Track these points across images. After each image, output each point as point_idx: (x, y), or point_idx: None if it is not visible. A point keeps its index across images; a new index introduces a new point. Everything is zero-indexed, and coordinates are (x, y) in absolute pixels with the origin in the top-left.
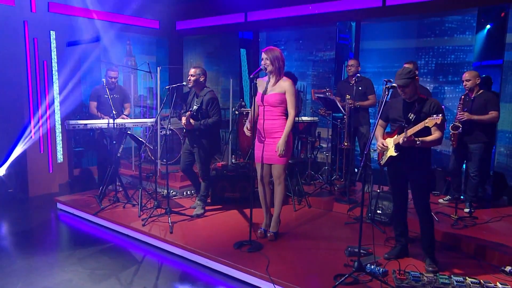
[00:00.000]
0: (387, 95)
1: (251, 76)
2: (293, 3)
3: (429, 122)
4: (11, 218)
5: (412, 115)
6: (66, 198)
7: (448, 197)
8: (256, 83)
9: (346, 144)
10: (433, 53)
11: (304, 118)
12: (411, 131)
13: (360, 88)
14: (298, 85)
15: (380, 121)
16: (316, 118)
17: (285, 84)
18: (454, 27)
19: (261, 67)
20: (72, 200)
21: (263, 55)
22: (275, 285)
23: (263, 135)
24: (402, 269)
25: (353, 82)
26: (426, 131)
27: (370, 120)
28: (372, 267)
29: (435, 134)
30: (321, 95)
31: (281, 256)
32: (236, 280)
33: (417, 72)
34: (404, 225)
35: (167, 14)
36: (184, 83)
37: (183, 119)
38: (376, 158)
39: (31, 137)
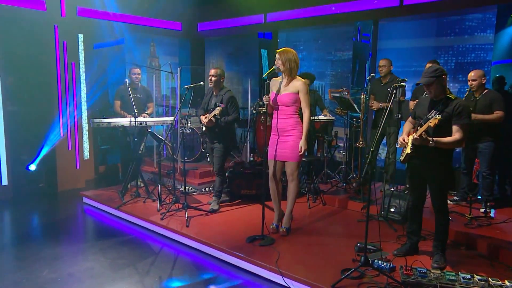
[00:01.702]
0: (395, 94)
1: (263, 77)
2: (311, 4)
3: (431, 122)
4: (41, 210)
5: (432, 113)
6: (91, 193)
7: (455, 198)
8: (268, 83)
9: (361, 143)
10: (453, 52)
11: (321, 117)
12: (419, 131)
13: (389, 89)
14: (317, 84)
15: (410, 118)
16: (332, 118)
17: (298, 83)
18: (475, 25)
19: (274, 67)
20: (97, 194)
21: (277, 56)
22: (283, 277)
23: (277, 133)
24: (410, 265)
25: (385, 82)
26: (447, 131)
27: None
28: (380, 262)
29: (454, 136)
30: (337, 95)
31: (291, 250)
32: (247, 272)
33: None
34: (417, 223)
35: (189, 16)
36: (201, 83)
37: (202, 118)
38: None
39: (60, 134)
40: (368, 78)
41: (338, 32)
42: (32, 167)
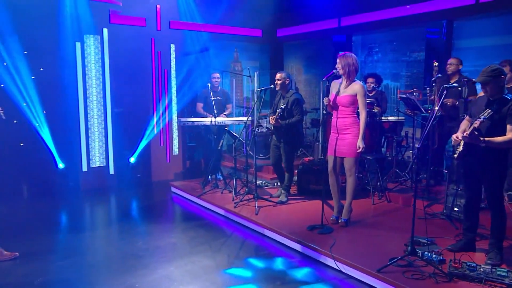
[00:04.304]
0: (445, 94)
1: (323, 79)
2: (384, 7)
3: (476, 123)
4: (138, 196)
5: (486, 112)
6: (178, 183)
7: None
8: (328, 85)
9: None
10: None
11: (390, 118)
12: (469, 129)
13: (460, 88)
14: (391, 85)
15: (467, 116)
16: (402, 118)
17: (356, 86)
18: None
19: (334, 71)
20: (182, 185)
21: (337, 60)
22: (335, 261)
23: (336, 131)
24: (460, 259)
25: (453, 81)
26: (501, 131)
27: None
28: (429, 254)
29: (508, 135)
30: (403, 95)
31: (347, 239)
32: (304, 255)
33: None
34: (473, 220)
35: (269, 23)
36: (272, 86)
37: (270, 119)
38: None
39: (154, 132)
40: (433, 79)
41: (413, 33)
42: (132, 159)
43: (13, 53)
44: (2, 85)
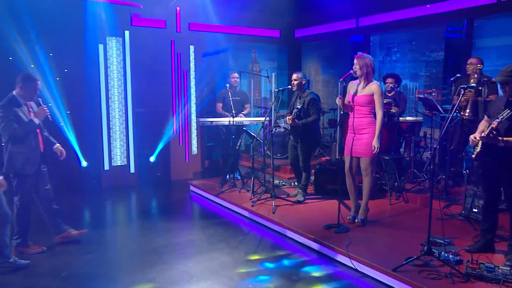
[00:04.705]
0: (462, 94)
1: (340, 80)
2: (403, 6)
3: (494, 123)
4: (157, 195)
5: (504, 112)
6: (197, 182)
7: None
8: (345, 86)
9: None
10: None
11: (408, 118)
12: (487, 129)
13: (480, 88)
14: (409, 86)
15: (485, 117)
16: (420, 118)
17: (373, 86)
18: None
19: (351, 71)
20: (201, 184)
21: (355, 61)
22: (351, 260)
23: (353, 131)
24: (478, 260)
25: (472, 81)
26: None
27: None
28: (446, 255)
29: None
30: (421, 96)
31: (363, 238)
32: (320, 254)
33: None
34: (491, 221)
35: (287, 24)
36: (289, 86)
37: (287, 119)
38: None
39: (173, 132)
40: (452, 79)
41: (433, 32)
42: (152, 159)
43: (40, 55)
44: None
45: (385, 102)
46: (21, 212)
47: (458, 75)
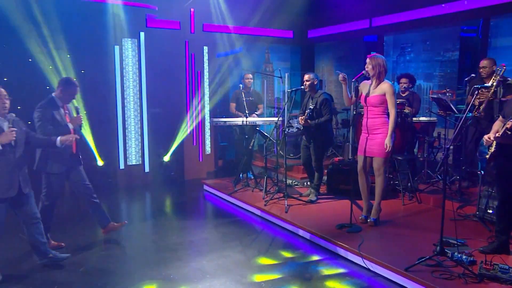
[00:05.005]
0: (475, 95)
1: (352, 80)
2: (417, 6)
3: (508, 123)
4: (172, 193)
5: None
6: (210, 182)
7: None
8: (357, 86)
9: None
10: None
11: (422, 118)
12: (501, 129)
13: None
14: (424, 86)
15: (500, 117)
16: (434, 118)
17: (384, 86)
18: None
19: (363, 71)
20: (214, 183)
21: (367, 61)
22: (363, 259)
23: (367, 131)
24: (492, 261)
25: (492, 81)
26: None
27: None
28: (459, 255)
29: None
30: (435, 96)
31: (375, 238)
32: (333, 253)
33: None
34: (506, 222)
35: (300, 24)
36: (302, 87)
37: (300, 119)
38: None
39: (187, 131)
40: (466, 79)
41: (447, 32)
42: (166, 158)
43: (58, 56)
44: (48, 87)
45: (398, 102)
46: (45, 209)
47: (472, 75)
